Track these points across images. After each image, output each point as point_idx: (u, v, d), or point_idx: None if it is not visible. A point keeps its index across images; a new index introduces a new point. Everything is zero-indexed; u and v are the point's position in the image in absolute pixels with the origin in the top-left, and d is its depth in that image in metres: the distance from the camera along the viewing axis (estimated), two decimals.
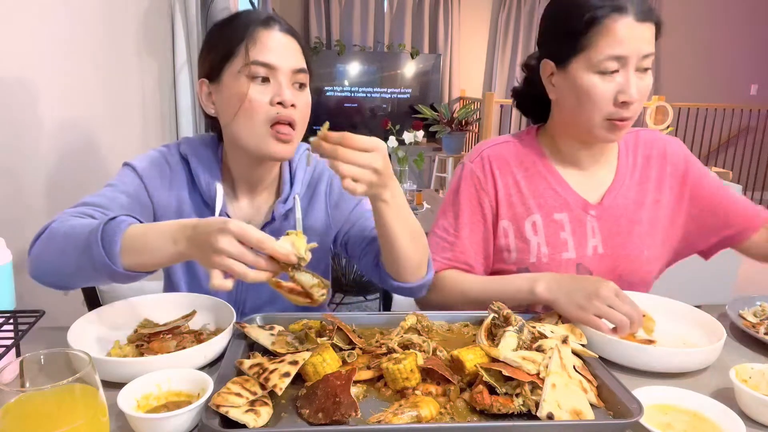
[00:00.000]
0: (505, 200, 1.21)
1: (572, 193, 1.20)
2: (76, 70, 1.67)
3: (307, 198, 1.18)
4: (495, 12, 6.67)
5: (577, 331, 0.95)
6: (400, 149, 3.84)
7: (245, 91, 1.00)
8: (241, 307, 1.16)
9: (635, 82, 1.06)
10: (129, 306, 1.00)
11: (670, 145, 1.26)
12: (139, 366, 0.80)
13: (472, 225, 1.22)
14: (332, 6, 6.35)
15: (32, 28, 1.44)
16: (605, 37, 1.04)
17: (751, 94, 6.89)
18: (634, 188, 1.22)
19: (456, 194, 1.23)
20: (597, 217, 1.20)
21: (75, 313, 0.92)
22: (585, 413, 0.72)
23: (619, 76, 1.06)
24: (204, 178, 1.10)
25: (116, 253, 0.82)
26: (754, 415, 0.78)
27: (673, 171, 1.24)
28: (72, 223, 0.90)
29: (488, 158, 1.23)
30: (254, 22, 1.02)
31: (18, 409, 0.55)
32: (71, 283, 0.94)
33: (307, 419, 0.71)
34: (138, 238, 0.83)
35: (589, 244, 1.19)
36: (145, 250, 0.83)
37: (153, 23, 2.27)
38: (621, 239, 1.20)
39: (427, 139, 6.08)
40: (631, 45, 1.04)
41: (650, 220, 1.22)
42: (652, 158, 1.24)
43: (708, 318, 1.01)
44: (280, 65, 1.01)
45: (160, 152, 1.12)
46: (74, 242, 0.86)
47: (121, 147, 2.00)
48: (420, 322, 0.96)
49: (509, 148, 1.24)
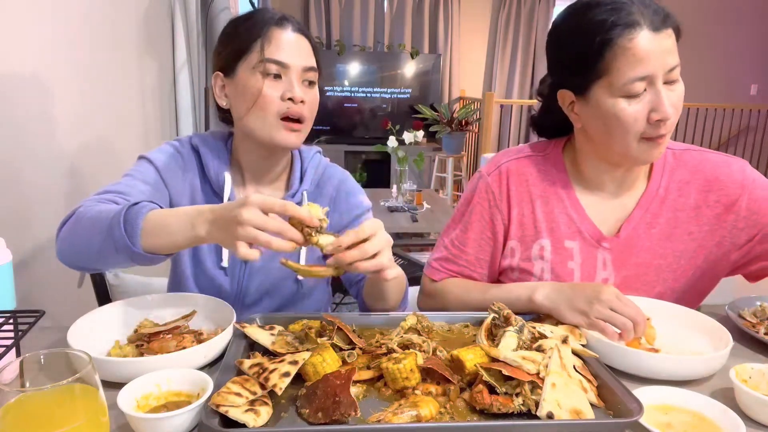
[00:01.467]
0: (517, 220, 1.16)
1: (587, 221, 1.13)
2: (76, 70, 1.67)
3: (313, 197, 1.21)
4: (495, 12, 6.67)
5: (577, 331, 0.94)
6: (400, 149, 3.84)
7: (260, 87, 1.06)
8: (242, 297, 1.18)
9: (667, 96, 0.97)
10: (129, 306, 1.00)
11: (724, 168, 1.11)
12: (139, 366, 0.80)
13: (480, 242, 1.19)
14: (332, 6, 6.36)
15: (32, 29, 1.44)
16: (624, 57, 0.96)
17: (751, 94, 6.90)
18: (663, 217, 1.11)
19: (468, 206, 1.20)
20: (610, 250, 1.12)
21: (75, 313, 0.92)
22: (585, 413, 0.72)
23: (649, 94, 0.98)
24: (213, 166, 1.15)
25: (137, 236, 0.86)
26: (754, 415, 0.78)
27: (719, 198, 1.10)
28: (98, 208, 0.95)
29: (506, 173, 1.17)
30: (269, 22, 1.09)
31: (18, 409, 0.55)
32: (95, 265, 0.99)
33: (306, 419, 0.71)
34: (158, 222, 0.87)
35: (598, 277, 1.13)
36: (164, 233, 0.87)
37: (153, 23, 2.27)
38: (635, 273, 1.12)
39: (427, 139, 6.09)
40: (655, 61, 0.95)
41: (680, 254, 1.11)
42: (691, 183, 1.12)
43: (713, 323, 1.00)
44: (291, 63, 1.07)
45: (172, 145, 1.18)
46: (99, 225, 0.90)
47: (122, 147, 2.00)
48: (420, 322, 0.96)
49: (530, 164, 1.17)
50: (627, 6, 0.97)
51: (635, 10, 0.96)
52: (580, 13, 1.01)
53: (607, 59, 0.97)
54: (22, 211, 1.41)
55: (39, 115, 1.48)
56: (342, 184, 1.24)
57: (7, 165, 1.35)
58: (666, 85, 0.98)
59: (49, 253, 1.52)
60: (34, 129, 1.46)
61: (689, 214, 1.11)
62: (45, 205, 1.50)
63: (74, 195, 1.65)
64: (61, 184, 1.60)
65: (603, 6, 0.98)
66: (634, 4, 0.97)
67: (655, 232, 1.11)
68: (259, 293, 1.18)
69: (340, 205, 1.22)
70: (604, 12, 0.97)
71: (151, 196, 1.06)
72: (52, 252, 1.52)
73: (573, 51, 1.02)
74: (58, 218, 1.01)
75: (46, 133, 1.52)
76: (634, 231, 1.11)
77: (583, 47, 0.99)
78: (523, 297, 1.05)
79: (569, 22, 1.04)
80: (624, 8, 0.96)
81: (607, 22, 0.96)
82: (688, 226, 1.11)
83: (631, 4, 0.97)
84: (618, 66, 0.96)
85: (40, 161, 1.49)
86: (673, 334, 1.01)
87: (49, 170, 1.53)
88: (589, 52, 0.98)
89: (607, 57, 0.97)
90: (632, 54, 0.95)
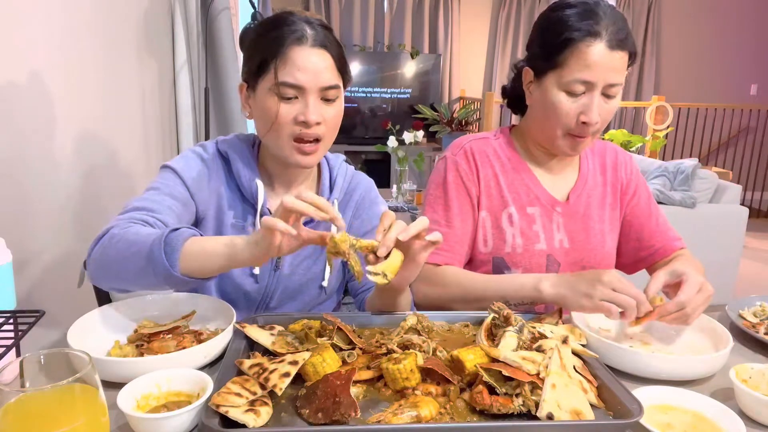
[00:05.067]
0: (485, 192, 1.26)
1: (542, 189, 1.27)
2: (76, 70, 1.67)
3: (342, 205, 1.23)
4: (495, 12, 6.67)
5: (577, 331, 0.94)
6: (400, 149, 3.84)
7: (276, 110, 1.04)
8: (267, 302, 1.18)
9: (599, 105, 1.12)
10: (129, 306, 1.00)
11: (620, 155, 1.36)
12: (139, 366, 0.80)
13: (464, 214, 1.25)
14: (332, 6, 6.36)
15: (32, 29, 1.44)
16: (577, 59, 1.10)
17: (751, 94, 6.89)
18: (597, 190, 1.31)
19: (443, 186, 1.26)
20: (562, 214, 1.26)
21: (75, 313, 0.92)
22: (585, 413, 0.72)
23: (585, 98, 1.12)
24: (244, 174, 1.14)
25: (176, 260, 0.87)
26: (754, 415, 0.78)
27: (621, 180, 1.33)
28: (134, 230, 0.95)
29: (471, 150, 1.27)
30: (288, 38, 1.04)
31: (18, 409, 0.55)
32: (127, 286, 0.98)
33: (306, 419, 0.71)
34: (195, 249, 0.89)
35: (555, 238, 1.25)
36: (200, 260, 0.89)
37: (153, 23, 2.27)
38: (584, 235, 1.27)
39: (427, 139, 6.09)
40: (599, 72, 1.09)
41: (609, 220, 1.31)
42: (606, 166, 1.33)
43: (713, 323, 1.00)
44: (307, 85, 1.03)
45: (194, 152, 1.16)
46: (137, 248, 0.90)
47: (121, 147, 2.00)
48: (420, 322, 0.96)
49: (488, 143, 1.30)
50: (597, 17, 1.10)
51: (601, 23, 1.09)
52: (560, 7, 1.15)
53: (564, 54, 1.11)
54: (22, 211, 1.41)
55: (38, 115, 1.48)
56: (368, 192, 1.25)
57: (7, 165, 1.35)
58: (603, 96, 1.13)
59: (49, 253, 1.52)
60: (33, 129, 1.46)
61: (610, 189, 1.32)
62: (45, 205, 1.50)
63: (74, 195, 1.65)
64: (62, 184, 1.60)
65: (579, 9, 1.12)
66: (602, 18, 1.10)
67: (593, 201, 1.30)
68: (283, 297, 1.19)
69: (363, 212, 1.24)
70: (577, 15, 1.11)
71: (177, 210, 1.07)
72: (52, 252, 1.53)
73: (543, 39, 1.17)
74: (58, 218, 1.01)
75: (46, 133, 1.52)
76: (578, 199, 1.28)
77: (551, 38, 1.13)
78: (528, 285, 1.09)
79: (551, 12, 1.17)
80: (593, 18, 1.10)
81: (575, 24, 1.10)
82: (610, 199, 1.32)
83: (602, 17, 1.10)
84: (570, 64, 1.11)
85: (39, 161, 1.49)
86: (673, 334, 1.01)
87: (49, 170, 1.53)
88: (553, 44, 1.12)
89: (565, 53, 1.11)
90: (584, 58, 1.09)
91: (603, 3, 1.13)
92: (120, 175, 1.98)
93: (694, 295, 0.97)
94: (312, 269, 1.19)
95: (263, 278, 1.15)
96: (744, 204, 3.61)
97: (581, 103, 1.12)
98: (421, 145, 5.79)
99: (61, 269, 1.55)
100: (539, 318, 1.02)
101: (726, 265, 3.29)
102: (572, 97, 1.12)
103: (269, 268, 1.16)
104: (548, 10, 1.19)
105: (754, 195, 6.44)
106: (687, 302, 0.96)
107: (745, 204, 3.86)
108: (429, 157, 5.96)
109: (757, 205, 6.20)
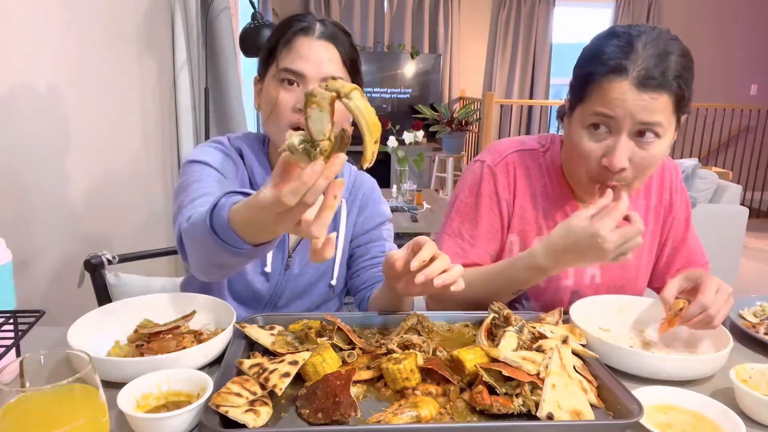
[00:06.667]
0: (518, 214, 1.17)
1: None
2: (76, 70, 1.67)
3: (349, 203, 1.23)
4: (495, 12, 6.67)
5: (577, 331, 0.94)
6: (400, 149, 3.84)
7: (276, 96, 1.05)
8: (276, 300, 1.18)
9: (625, 147, 0.99)
10: (129, 306, 1.00)
11: (666, 170, 1.23)
12: (139, 366, 0.79)
13: (490, 235, 1.18)
14: (332, 6, 6.36)
15: (32, 29, 1.44)
16: (598, 92, 1.00)
17: (751, 94, 6.90)
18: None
19: (476, 196, 1.18)
20: None
21: (75, 313, 0.92)
22: (585, 413, 0.72)
23: (609, 140, 1.01)
24: (257, 170, 1.15)
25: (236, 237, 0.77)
26: (754, 415, 0.78)
27: (664, 202, 1.22)
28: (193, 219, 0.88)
29: (513, 165, 1.17)
30: (294, 28, 1.05)
31: (18, 409, 0.55)
32: (221, 271, 0.92)
33: (306, 419, 0.71)
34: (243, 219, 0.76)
35: (587, 273, 1.19)
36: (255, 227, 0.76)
37: (153, 23, 2.27)
38: (618, 271, 1.20)
39: (427, 139, 6.09)
40: (621, 109, 0.97)
41: (648, 251, 1.22)
42: (651, 187, 1.22)
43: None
44: (308, 74, 1.04)
45: (217, 147, 1.14)
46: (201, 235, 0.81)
47: (121, 146, 2.00)
48: (420, 322, 0.96)
49: (536, 157, 1.19)
50: (629, 54, 0.97)
51: (632, 61, 0.97)
52: (600, 36, 1.05)
53: (588, 89, 1.02)
54: (22, 211, 1.41)
55: (38, 115, 1.48)
56: (372, 191, 1.26)
57: (7, 165, 1.35)
58: (637, 139, 1.00)
59: (49, 253, 1.52)
60: (33, 129, 1.46)
61: (652, 213, 1.22)
62: (45, 205, 1.50)
63: (74, 195, 1.65)
64: (62, 184, 1.59)
65: (614, 41, 1.00)
66: (637, 56, 0.97)
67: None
68: (292, 296, 1.19)
69: (366, 210, 1.25)
70: (611, 47, 0.99)
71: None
72: (52, 252, 1.53)
73: (575, 69, 1.07)
74: (58, 218, 1.01)
75: (46, 133, 1.52)
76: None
77: (579, 70, 1.05)
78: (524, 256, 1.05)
79: (592, 40, 1.07)
80: (625, 54, 0.97)
81: (602, 58, 1.00)
82: (650, 225, 1.22)
83: (637, 55, 0.97)
84: (591, 97, 1.01)
85: (40, 161, 1.49)
86: (673, 334, 1.02)
87: (49, 170, 1.53)
88: (579, 76, 1.04)
89: (588, 87, 1.01)
90: (603, 93, 0.99)
91: (648, 36, 0.99)
92: (120, 175, 1.98)
93: (714, 296, 0.95)
94: (320, 268, 1.19)
95: (274, 276, 1.16)
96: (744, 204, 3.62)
97: (604, 144, 1.01)
98: (421, 145, 5.79)
99: (61, 269, 1.55)
100: (539, 318, 1.02)
101: (726, 265, 3.29)
102: (594, 134, 1.02)
103: (280, 267, 1.16)
104: (592, 39, 1.08)
105: (754, 195, 6.44)
106: (708, 303, 0.94)
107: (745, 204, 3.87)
108: (429, 157, 5.96)
109: (757, 205, 6.20)
